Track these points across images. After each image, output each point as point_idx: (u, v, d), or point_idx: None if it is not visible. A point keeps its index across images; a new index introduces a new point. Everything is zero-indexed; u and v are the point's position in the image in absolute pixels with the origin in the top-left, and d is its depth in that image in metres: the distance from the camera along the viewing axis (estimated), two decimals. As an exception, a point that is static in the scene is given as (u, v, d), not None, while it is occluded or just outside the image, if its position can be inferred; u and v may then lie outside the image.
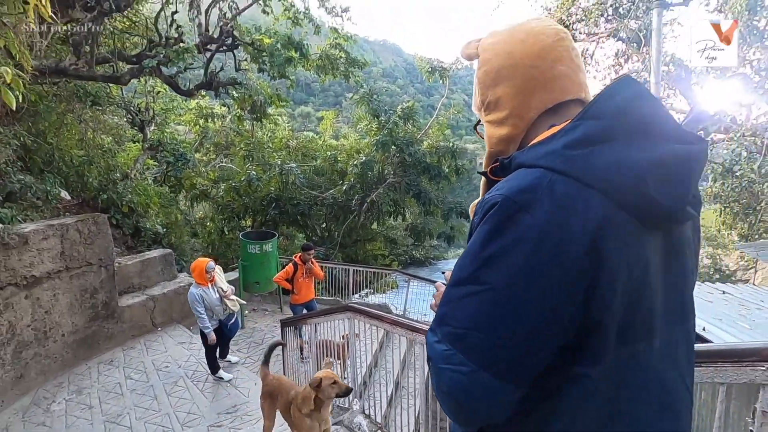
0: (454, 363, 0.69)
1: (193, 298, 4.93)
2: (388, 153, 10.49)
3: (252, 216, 11.55)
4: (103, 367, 5.67)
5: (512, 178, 0.73)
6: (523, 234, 0.66)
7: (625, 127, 0.70)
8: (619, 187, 0.67)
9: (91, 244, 5.71)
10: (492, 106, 0.88)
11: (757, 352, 1.15)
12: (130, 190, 7.67)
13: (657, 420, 0.74)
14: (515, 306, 0.66)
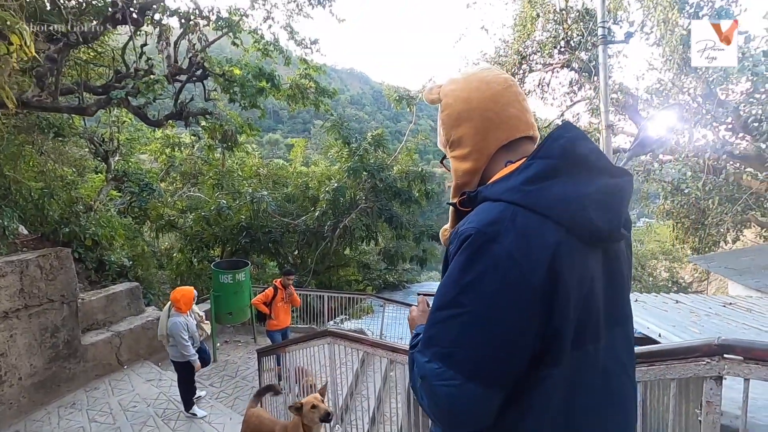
0: (446, 378, 0.80)
1: (179, 328, 4.78)
2: (360, 179, 10.64)
3: (222, 245, 11.32)
4: (64, 410, 5.33)
5: (480, 211, 0.87)
6: (494, 262, 0.79)
7: (568, 164, 0.86)
8: (568, 215, 0.82)
9: (53, 280, 5.47)
10: (455, 144, 1.03)
11: (698, 349, 1.31)
12: (93, 222, 7.40)
13: (606, 405, 0.88)
14: (493, 324, 0.79)
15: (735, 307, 3.17)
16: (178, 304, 4.88)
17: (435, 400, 0.81)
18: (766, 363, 1.18)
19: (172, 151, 13.19)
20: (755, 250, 11.48)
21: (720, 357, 1.27)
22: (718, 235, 12.85)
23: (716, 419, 1.32)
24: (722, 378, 1.29)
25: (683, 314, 3.01)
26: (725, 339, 1.27)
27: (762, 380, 1.21)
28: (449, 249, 0.91)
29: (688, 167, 9.66)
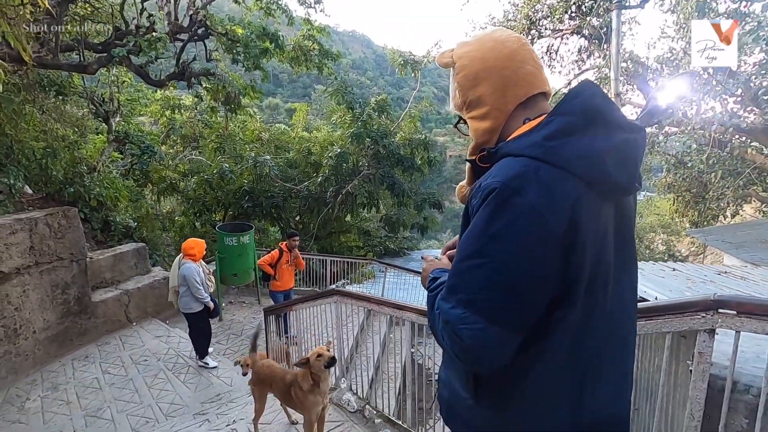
0: (470, 322, 0.86)
1: (193, 272, 5.01)
2: (363, 145, 10.57)
3: (224, 209, 11.39)
4: (78, 363, 5.56)
5: (502, 165, 0.91)
6: (518, 214, 0.84)
7: (588, 121, 0.89)
8: (588, 170, 0.86)
9: (62, 238, 5.56)
10: (474, 104, 1.05)
11: (696, 304, 1.39)
12: (97, 183, 7.43)
13: (609, 347, 0.97)
14: (516, 272, 0.85)
15: (730, 276, 3.27)
16: (191, 252, 5.10)
17: (458, 342, 0.88)
18: (757, 316, 1.26)
19: (172, 114, 13.02)
20: (753, 225, 11.58)
21: (715, 311, 1.35)
22: (717, 210, 12.91)
23: (706, 368, 1.41)
24: (715, 331, 1.38)
25: (680, 281, 3.12)
26: (721, 295, 1.35)
27: (752, 332, 1.30)
28: (470, 204, 0.96)
29: (694, 140, 9.60)
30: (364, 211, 12.45)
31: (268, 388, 2.93)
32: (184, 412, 4.49)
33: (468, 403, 1.02)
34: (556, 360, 0.92)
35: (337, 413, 3.17)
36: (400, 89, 64.85)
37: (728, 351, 1.43)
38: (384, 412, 3.06)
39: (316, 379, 2.54)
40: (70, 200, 6.89)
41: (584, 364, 0.94)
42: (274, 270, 6.09)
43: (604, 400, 0.96)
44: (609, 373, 0.97)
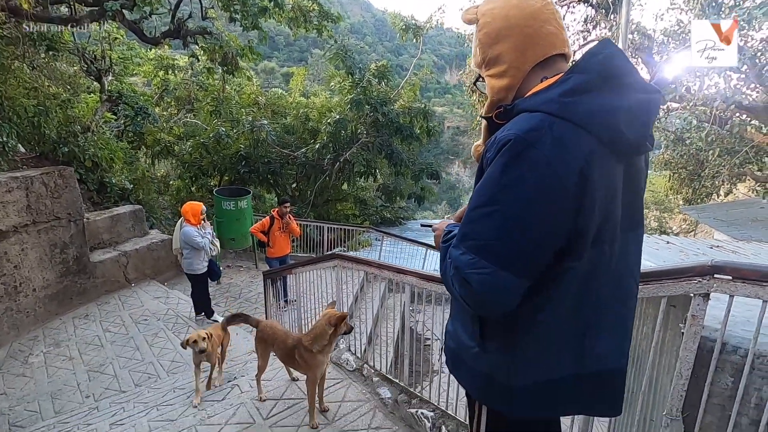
0: (479, 267, 0.90)
1: (192, 233, 5.11)
2: (362, 112, 10.40)
3: (220, 174, 11.29)
4: (79, 321, 5.66)
5: (518, 120, 0.93)
6: (531, 165, 0.86)
7: (604, 79, 0.91)
8: (601, 127, 0.89)
9: (59, 197, 5.53)
10: (493, 62, 1.06)
11: (692, 269, 1.44)
12: (92, 144, 7.31)
13: (612, 301, 1.01)
14: (526, 220, 0.88)
15: (722, 250, 3.36)
16: (187, 216, 5.19)
17: (467, 287, 0.92)
18: (751, 281, 1.32)
19: (166, 74, 12.65)
20: (745, 203, 11.72)
21: (711, 277, 1.40)
22: (712, 188, 13.02)
23: (698, 331, 1.48)
24: (709, 295, 1.44)
25: (673, 253, 3.19)
26: (717, 260, 1.40)
27: (745, 296, 1.35)
28: (484, 157, 0.98)
29: (695, 116, 9.54)
30: (361, 179, 12.40)
31: (271, 347, 3.02)
32: (185, 369, 4.61)
33: (474, 351, 1.07)
34: (561, 310, 0.96)
35: (336, 372, 3.28)
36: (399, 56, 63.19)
37: (718, 315, 1.49)
38: (381, 371, 3.18)
39: (332, 341, 2.62)
40: (65, 160, 6.79)
41: (588, 316, 0.99)
42: (267, 237, 6.11)
43: (605, 352, 1.01)
44: (611, 327, 1.02)
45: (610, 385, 1.05)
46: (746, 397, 1.42)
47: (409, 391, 2.88)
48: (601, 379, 1.03)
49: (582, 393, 1.03)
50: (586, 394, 1.04)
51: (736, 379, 1.44)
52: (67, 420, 3.75)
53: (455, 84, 60.44)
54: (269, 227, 6.15)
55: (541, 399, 1.03)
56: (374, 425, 2.74)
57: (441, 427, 2.52)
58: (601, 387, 1.04)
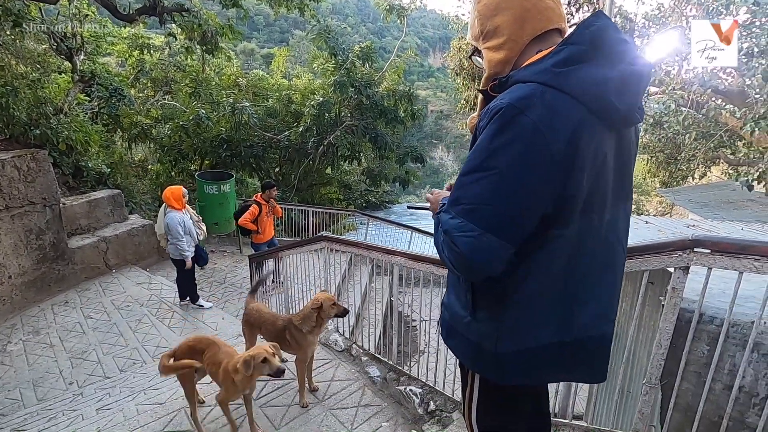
0: (467, 230, 0.92)
1: (175, 222, 4.98)
2: (346, 95, 10.24)
3: (201, 158, 11.03)
4: (58, 308, 5.54)
5: (512, 90, 0.95)
6: (521, 130, 0.89)
7: (596, 51, 0.94)
8: (591, 96, 0.92)
9: (32, 182, 5.34)
10: (491, 34, 1.07)
11: (673, 244, 1.49)
12: (65, 126, 7.03)
13: (600, 270, 1.05)
14: (514, 184, 0.90)
15: (698, 228, 3.48)
16: (170, 201, 5.04)
17: (455, 250, 0.94)
18: (729, 254, 1.38)
19: (141, 54, 12.18)
20: (718, 186, 12.12)
21: (691, 250, 1.46)
22: (688, 171, 13.39)
23: (677, 302, 1.54)
24: (689, 268, 1.50)
25: (652, 232, 3.30)
26: (698, 235, 1.45)
27: (723, 268, 1.41)
28: (477, 126, 1.00)
29: (673, 100, 9.73)
30: (345, 163, 12.29)
31: (258, 330, 3.02)
32: (171, 354, 4.58)
33: (466, 321, 1.10)
34: (550, 277, 0.99)
35: (325, 352, 3.31)
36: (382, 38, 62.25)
37: (696, 288, 1.56)
38: (370, 351, 3.22)
39: (320, 323, 2.63)
40: (37, 143, 6.53)
41: (576, 284, 1.02)
42: (256, 225, 5.91)
43: (592, 319, 1.05)
44: (599, 294, 1.05)
45: (597, 351, 1.09)
46: (720, 364, 1.49)
47: (398, 369, 2.94)
48: (587, 346, 1.06)
49: (568, 360, 1.07)
50: (573, 360, 1.07)
51: (711, 348, 1.51)
52: (51, 407, 3.70)
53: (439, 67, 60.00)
54: (257, 215, 5.94)
55: (528, 366, 1.06)
56: (364, 403, 2.79)
57: (429, 402, 2.59)
58: (587, 354, 1.08)
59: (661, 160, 13.82)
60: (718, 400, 1.51)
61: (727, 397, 1.48)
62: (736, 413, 1.47)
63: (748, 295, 1.49)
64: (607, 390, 2.78)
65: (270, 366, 2.15)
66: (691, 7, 9.56)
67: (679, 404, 1.62)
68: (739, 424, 1.46)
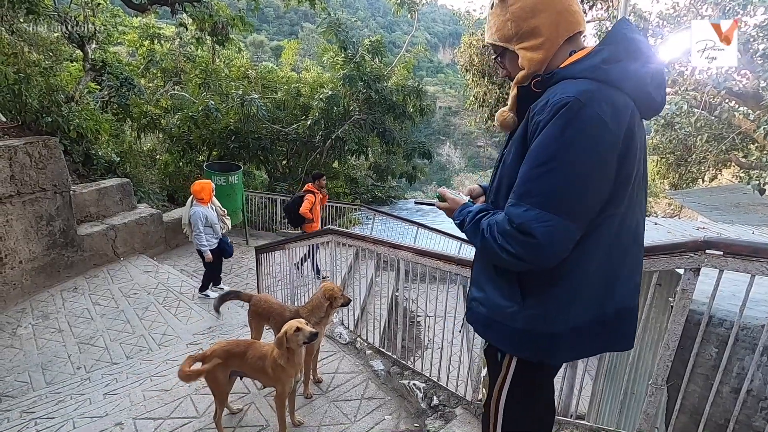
0: (544, 220, 1.00)
1: (198, 216, 5.14)
2: (355, 89, 10.22)
3: (209, 149, 11.09)
4: (67, 294, 5.61)
5: (566, 86, 1.03)
6: (590, 122, 0.98)
7: (631, 50, 1.05)
8: (636, 90, 1.03)
9: (43, 168, 5.40)
10: (528, 35, 1.14)
11: (685, 245, 1.48)
12: (76, 114, 7.09)
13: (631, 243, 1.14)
14: (587, 172, 0.99)
15: (707, 231, 3.44)
16: (199, 195, 5.20)
17: (529, 242, 1.01)
18: (742, 256, 1.36)
19: (152, 44, 12.23)
20: (729, 189, 11.96)
21: (702, 252, 1.45)
22: (698, 173, 13.25)
23: (686, 304, 1.54)
24: (700, 270, 1.49)
25: (661, 233, 3.27)
26: (710, 236, 1.44)
27: (734, 271, 1.40)
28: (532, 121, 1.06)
29: (686, 101, 9.60)
30: (352, 158, 12.28)
31: (265, 321, 3.04)
32: (176, 342, 4.64)
33: (511, 311, 1.15)
34: (599, 255, 1.08)
35: (330, 344, 3.34)
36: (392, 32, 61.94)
37: (706, 290, 1.55)
38: (374, 344, 3.23)
39: (329, 312, 2.66)
40: (48, 131, 6.60)
41: (617, 259, 1.11)
42: (311, 213, 6.08)
43: (625, 293, 1.15)
44: (631, 270, 1.15)
45: (629, 321, 1.18)
46: (729, 367, 1.49)
47: (402, 364, 2.95)
48: (622, 317, 1.15)
49: (607, 332, 1.15)
50: (610, 332, 1.16)
51: (720, 350, 1.51)
52: (59, 390, 3.76)
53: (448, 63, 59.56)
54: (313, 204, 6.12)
55: (577, 343, 1.14)
56: (367, 395, 2.80)
57: (432, 397, 2.60)
58: (621, 324, 1.17)
59: (671, 162, 13.68)
60: (725, 403, 1.50)
61: (734, 401, 1.47)
62: (743, 417, 1.46)
63: (759, 298, 1.48)
64: (610, 390, 2.77)
65: (303, 334, 2.20)
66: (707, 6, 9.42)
67: (684, 406, 1.62)
68: (746, 427, 1.46)
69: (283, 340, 2.20)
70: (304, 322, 2.26)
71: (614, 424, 2.26)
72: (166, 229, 7.35)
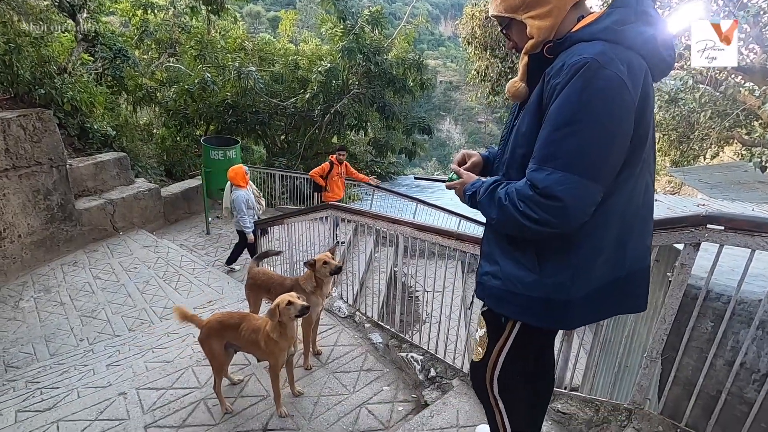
0: (569, 182, 1.00)
1: (241, 200, 5.41)
2: (354, 61, 9.98)
3: (206, 123, 10.92)
4: (68, 268, 5.64)
5: (581, 48, 1.03)
6: (608, 82, 0.97)
7: (639, 13, 1.05)
8: (648, 51, 1.03)
9: (38, 142, 5.33)
10: (534, 4, 1.13)
11: (686, 219, 1.47)
12: (70, 86, 6.95)
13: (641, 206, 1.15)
14: (609, 131, 0.99)
15: (707, 207, 3.43)
16: (235, 180, 5.48)
17: (555, 205, 1.00)
18: (743, 231, 1.35)
19: (145, 14, 11.86)
20: (730, 167, 11.90)
21: (703, 227, 1.44)
22: (700, 150, 13.13)
23: (685, 279, 1.54)
24: (700, 245, 1.48)
25: (661, 209, 3.26)
26: (712, 211, 1.42)
27: (735, 245, 1.40)
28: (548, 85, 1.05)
29: (691, 76, 9.42)
30: (352, 133, 12.13)
31: (265, 293, 3.06)
32: (178, 315, 4.69)
33: (528, 281, 1.16)
34: (615, 216, 1.09)
35: (329, 318, 3.37)
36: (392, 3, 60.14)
37: (705, 265, 1.55)
38: (373, 318, 3.27)
39: (319, 283, 2.68)
40: (42, 103, 6.48)
41: (628, 224, 1.12)
42: (325, 182, 6.39)
43: (638, 255, 1.17)
44: (642, 232, 1.17)
45: (641, 282, 1.21)
46: (723, 341, 1.50)
47: (400, 337, 2.99)
48: (635, 278, 1.18)
49: (620, 294, 1.18)
50: (624, 294, 1.18)
51: (715, 324, 1.52)
52: (63, 361, 3.82)
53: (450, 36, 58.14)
54: (328, 172, 6.39)
55: (593, 307, 1.16)
56: (366, 367, 2.86)
57: (430, 369, 2.64)
58: (635, 286, 1.19)
59: (673, 139, 13.53)
60: (718, 375, 1.53)
61: (727, 373, 1.50)
62: (735, 388, 1.49)
63: (757, 273, 1.48)
64: (605, 363, 2.82)
65: (295, 307, 2.20)
66: (718, -24, 9.11)
67: (678, 378, 1.64)
68: (738, 398, 1.48)
69: (275, 311, 2.21)
70: (296, 296, 2.26)
71: (607, 395, 2.30)
72: (165, 204, 7.33)
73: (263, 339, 2.31)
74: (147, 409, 2.57)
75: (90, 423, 2.48)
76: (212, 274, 5.66)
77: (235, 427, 2.39)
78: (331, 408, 2.51)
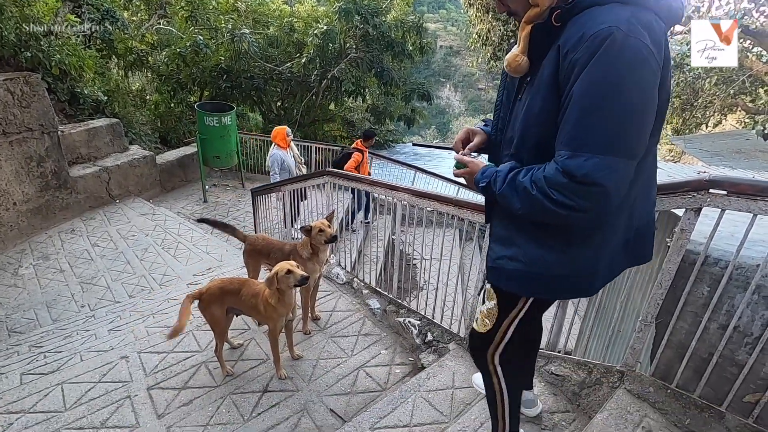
0: (610, 165, 0.95)
1: (275, 159, 5.47)
2: (351, 23, 9.64)
3: (200, 89, 10.66)
4: (65, 235, 5.64)
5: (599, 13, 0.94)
6: (636, 53, 0.91)
7: None
8: (665, 10, 0.98)
9: (28, 107, 5.20)
10: None
11: (688, 184, 1.45)
12: (57, 49, 6.71)
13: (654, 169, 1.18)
14: (642, 106, 0.95)
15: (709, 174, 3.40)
16: (276, 140, 5.53)
17: (595, 190, 0.96)
18: (746, 196, 1.33)
19: (133, -29, 11.32)
20: (732, 135, 11.78)
21: (706, 191, 1.42)
22: (702, 118, 12.95)
23: (684, 244, 1.53)
24: (701, 210, 1.46)
25: (661, 176, 3.23)
26: (715, 175, 1.40)
27: (737, 210, 1.38)
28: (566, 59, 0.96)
29: (699, 40, 9.13)
30: (349, 99, 11.88)
31: (265, 258, 3.06)
32: (177, 282, 4.73)
33: (551, 258, 1.14)
34: (634, 191, 1.08)
35: (327, 284, 3.40)
36: (391, -38, 57.34)
37: (704, 231, 1.54)
38: (371, 285, 3.30)
39: (316, 250, 2.68)
40: (29, 66, 6.27)
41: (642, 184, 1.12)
42: (358, 171, 6.03)
43: (645, 210, 1.19)
44: (650, 192, 1.20)
45: (647, 235, 1.23)
46: (719, 305, 1.51)
47: (397, 303, 3.03)
48: (642, 234, 1.20)
49: (630, 250, 1.20)
50: (632, 249, 1.21)
51: (712, 289, 1.52)
52: (65, 326, 3.88)
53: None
54: (361, 162, 6.08)
55: (610, 270, 1.19)
56: (364, 332, 2.90)
57: (427, 333, 2.69)
58: (642, 240, 1.21)
59: (676, 106, 13.30)
60: (711, 339, 1.55)
61: (720, 336, 1.51)
62: (727, 351, 1.51)
63: (756, 238, 1.47)
64: (598, 328, 2.87)
65: (294, 276, 2.21)
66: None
67: (671, 341, 1.67)
68: (729, 361, 1.51)
69: (273, 280, 2.22)
70: (295, 265, 2.27)
71: (600, 358, 2.35)
72: (161, 172, 7.26)
73: (263, 304, 2.33)
74: (149, 371, 2.63)
75: (94, 385, 2.54)
76: (211, 241, 5.66)
77: (236, 389, 2.45)
78: (329, 371, 2.57)
